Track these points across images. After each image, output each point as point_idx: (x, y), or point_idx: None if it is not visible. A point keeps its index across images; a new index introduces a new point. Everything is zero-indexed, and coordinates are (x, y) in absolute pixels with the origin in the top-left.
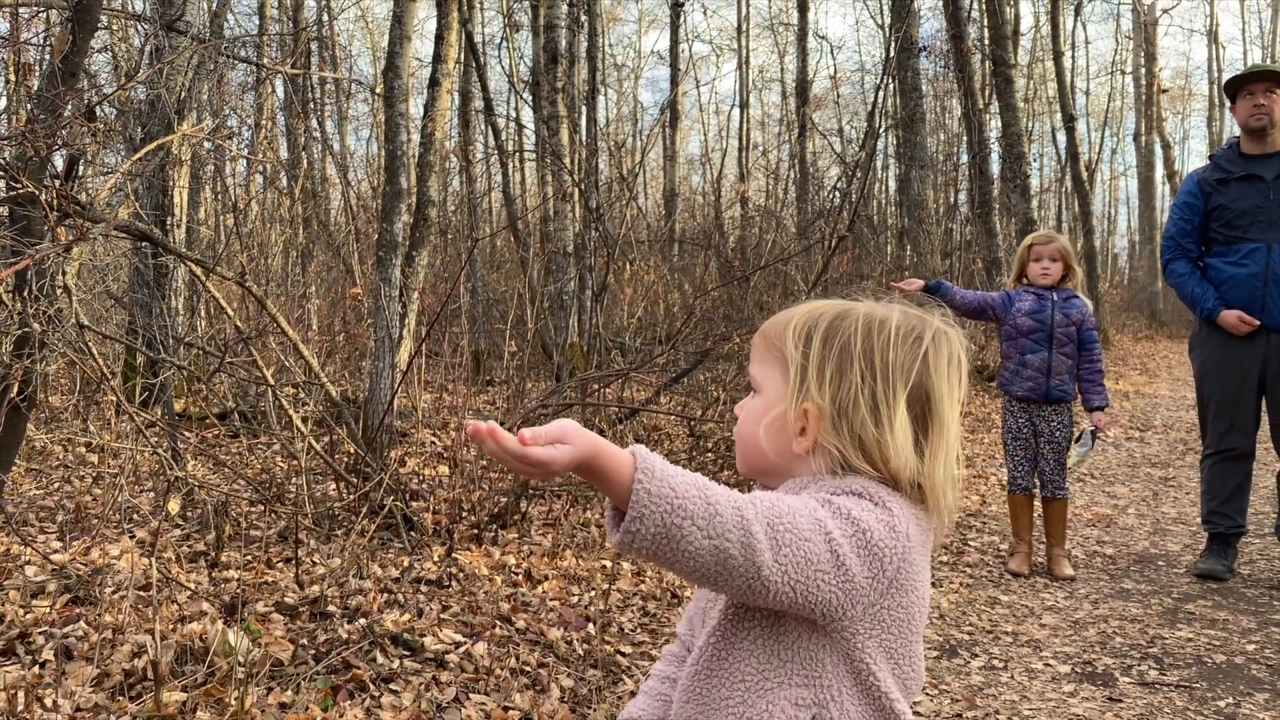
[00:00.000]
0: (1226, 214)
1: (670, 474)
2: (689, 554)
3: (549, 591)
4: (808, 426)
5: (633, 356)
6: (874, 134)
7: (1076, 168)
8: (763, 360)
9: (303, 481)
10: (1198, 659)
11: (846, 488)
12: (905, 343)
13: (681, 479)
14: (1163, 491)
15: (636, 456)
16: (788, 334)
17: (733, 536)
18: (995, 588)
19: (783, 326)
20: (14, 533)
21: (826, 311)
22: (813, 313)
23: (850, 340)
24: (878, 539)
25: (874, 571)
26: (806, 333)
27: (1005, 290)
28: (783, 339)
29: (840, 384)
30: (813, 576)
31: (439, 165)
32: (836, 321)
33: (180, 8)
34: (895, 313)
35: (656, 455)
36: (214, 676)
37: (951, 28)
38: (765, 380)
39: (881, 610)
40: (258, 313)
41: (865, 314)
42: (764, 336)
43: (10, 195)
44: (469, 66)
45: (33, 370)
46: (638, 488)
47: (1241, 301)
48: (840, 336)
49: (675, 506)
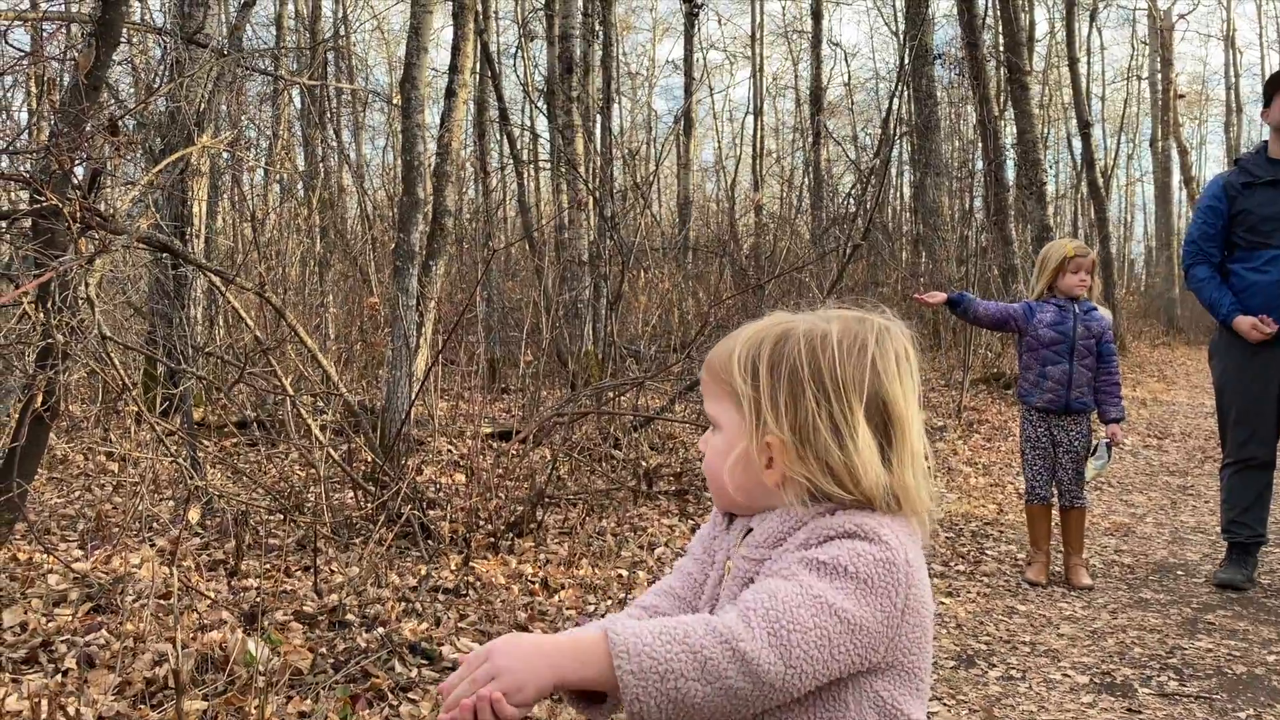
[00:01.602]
0: (1250, 219)
1: (646, 643)
2: (699, 707)
3: (565, 600)
4: (774, 459)
5: (647, 364)
6: (889, 141)
7: (1092, 174)
8: (714, 396)
9: (321, 490)
10: (1218, 670)
11: (836, 528)
12: (852, 355)
13: (659, 643)
14: (1181, 500)
15: (609, 640)
16: (733, 367)
17: (731, 672)
18: (1013, 597)
19: (726, 359)
20: (36, 541)
21: (767, 336)
22: (754, 340)
23: (797, 364)
24: (879, 582)
25: (885, 614)
26: (751, 363)
27: (1026, 301)
28: (729, 372)
29: (796, 411)
30: (830, 655)
31: (455, 175)
32: (779, 346)
33: (200, 21)
34: (835, 323)
35: (622, 622)
36: (234, 685)
37: (966, 35)
38: (721, 416)
39: (898, 638)
40: (276, 322)
41: (806, 332)
42: (710, 371)
43: (34, 208)
44: (484, 76)
45: (56, 381)
46: (622, 675)
47: (1262, 309)
48: (786, 362)
49: (665, 674)
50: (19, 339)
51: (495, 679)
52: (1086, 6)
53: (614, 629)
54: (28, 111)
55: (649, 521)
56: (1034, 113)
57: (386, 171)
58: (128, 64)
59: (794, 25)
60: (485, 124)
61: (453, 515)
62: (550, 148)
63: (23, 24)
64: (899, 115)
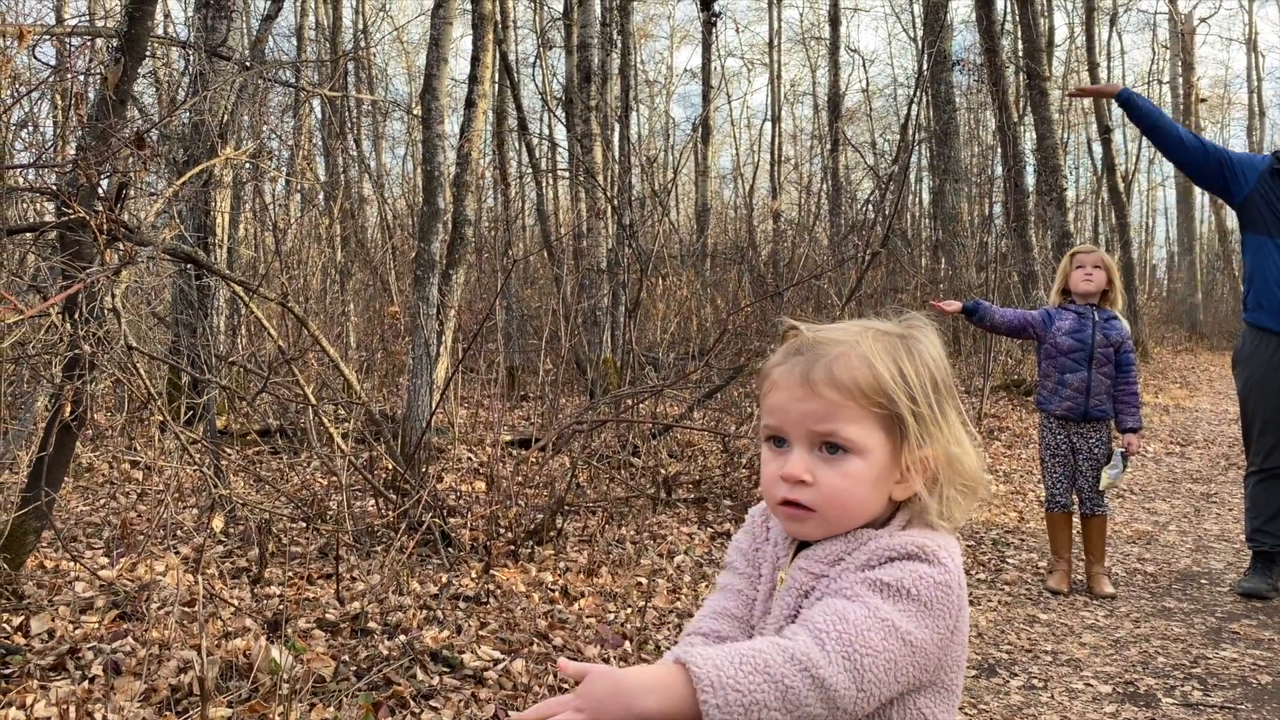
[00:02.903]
0: (1261, 206)
1: (729, 676)
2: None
3: (585, 609)
4: (913, 473)
5: (666, 372)
6: (907, 147)
7: (1113, 179)
8: (852, 419)
9: (343, 498)
10: (1242, 680)
11: (898, 549)
12: (939, 348)
13: (742, 674)
14: (1205, 508)
15: (691, 674)
16: (889, 387)
17: (811, 700)
18: (1034, 606)
19: (873, 379)
20: (63, 549)
21: (898, 349)
22: (888, 354)
23: (935, 374)
24: (937, 605)
25: (940, 636)
26: (903, 379)
27: (1045, 308)
28: (885, 393)
29: (949, 424)
30: (895, 678)
31: (475, 184)
32: (919, 360)
33: (223, 34)
34: (923, 328)
35: (700, 654)
36: (258, 692)
37: (985, 41)
38: (866, 439)
39: (945, 657)
40: (298, 331)
41: (920, 340)
42: (847, 393)
43: (62, 220)
44: (503, 85)
45: (83, 391)
46: (708, 710)
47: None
48: (930, 374)
49: (749, 705)
50: (46, 349)
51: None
52: (1106, 11)
53: (694, 662)
54: (53, 123)
55: (668, 529)
56: (1053, 118)
57: (406, 181)
58: (151, 76)
59: (812, 32)
60: (504, 133)
61: (473, 523)
62: (569, 156)
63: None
64: (918, 121)
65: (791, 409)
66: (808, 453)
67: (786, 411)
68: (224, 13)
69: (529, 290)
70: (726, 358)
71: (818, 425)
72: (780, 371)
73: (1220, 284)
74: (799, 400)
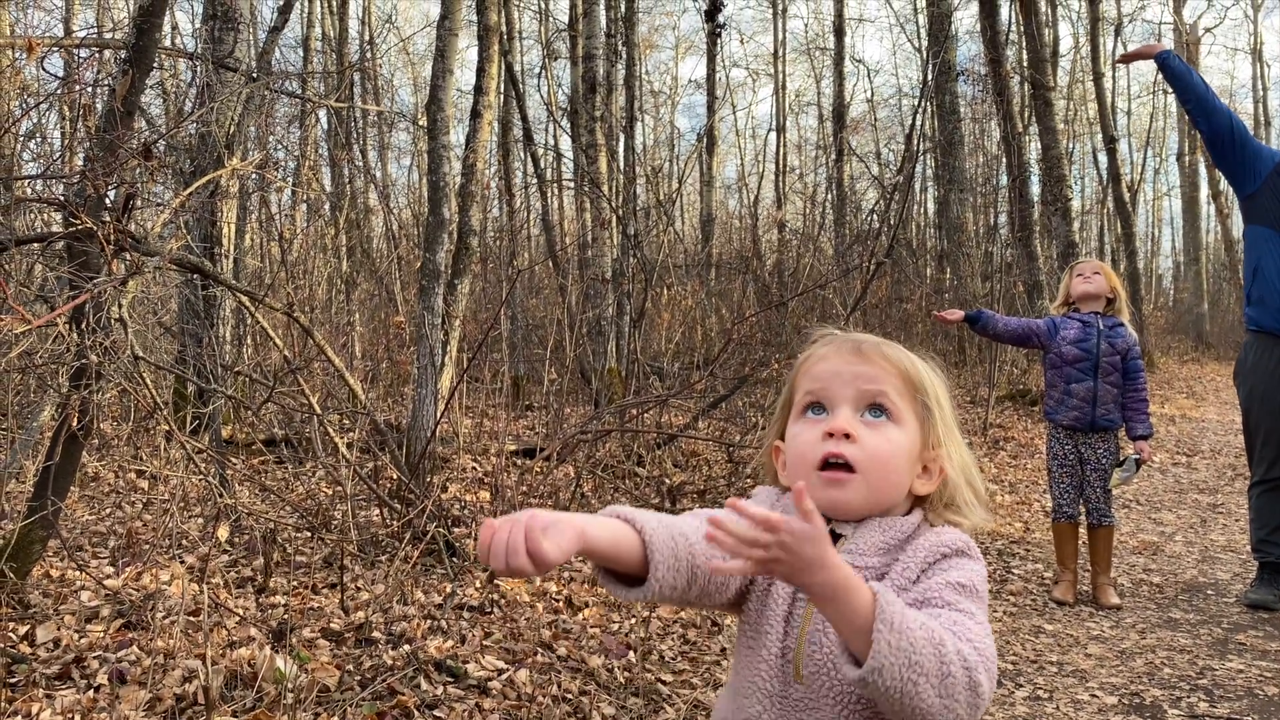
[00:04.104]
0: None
1: (910, 626)
2: (915, 704)
3: (589, 619)
4: (932, 470)
5: (671, 382)
6: (912, 157)
7: (1119, 189)
8: (900, 391)
9: (347, 508)
10: (1249, 691)
11: (949, 546)
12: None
13: (919, 635)
14: (1211, 518)
15: (878, 604)
16: (925, 381)
17: (961, 697)
18: (1039, 616)
19: (917, 371)
20: (69, 558)
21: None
22: (923, 361)
23: (949, 396)
24: (985, 594)
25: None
26: (931, 382)
27: (1050, 317)
28: (922, 387)
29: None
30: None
31: (480, 195)
32: (940, 376)
33: (230, 46)
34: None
35: (894, 597)
36: (262, 702)
37: (989, 51)
38: (907, 413)
39: None
40: (304, 341)
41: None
42: (898, 370)
43: (69, 231)
44: (508, 96)
45: (89, 401)
46: (878, 639)
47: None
48: (947, 393)
49: (912, 662)
50: (53, 359)
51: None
52: (1111, 21)
53: (886, 597)
54: (61, 134)
55: None
56: (1058, 128)
57: (412, 191)
58: (159, 87)
59: (816, 42)
60: (509, 144)
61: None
62: (574, 166)
63: (58, 50)
64: (922, 131)
65: (843, 370)
66: (853, 414)
67: (837, 374)
68: (231, 24)
69: (534, 300)
70: (731, 368)
71: (869, 385)
72: (827, 347)
73: (1227, 294)
74: (850, 364)
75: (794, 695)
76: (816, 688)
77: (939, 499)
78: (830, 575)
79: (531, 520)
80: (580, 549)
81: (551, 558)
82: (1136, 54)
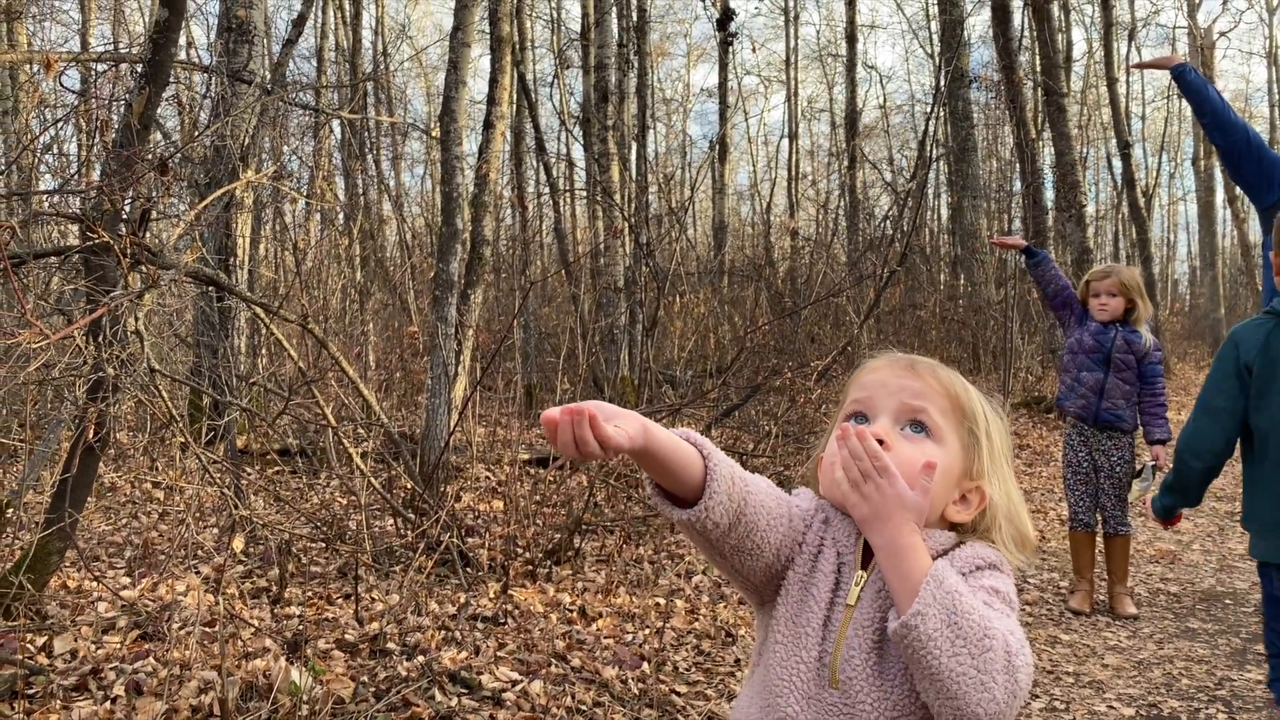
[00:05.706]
0: None
1: (960, 591)
2: (953, 675)
3: (603, 629)
4: (971, 500)
5: (683, 390)
6: (925, 164)
7: (1133, 194)
8: (945, 412)
9: (362, 518)
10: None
11: (983, 559)
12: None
13: (969, 599)
14: (1229, 526)
15: (935, 565)
16: (977, 412)
17: (1000, 679)
18: (1056, 626)
19: (966, 395)
20: (86, 569)
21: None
22: (982, 396)
23: (1005, 432)
24: (1017, 607)
25: None
26: (985, 416)
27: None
28: (972, 413)
29: (1008, 474)
30: None
31: (493, 205)
32: (997, 411)
33: (245, 58)
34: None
35: (948, 567)
36: (278, 713)
37: (1002, 57)
38: (949, 435)
39: None
40: (318, 352)
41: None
42: (948, 394)
43: (86, 245)
44: (521, 106)
45: (106, 412)
46: (924, 593)
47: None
48: (1002, 429)
49: (953, 623)
50: (70, 371)
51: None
52: (1125, 26)
53: (939, 567)
54: (78, 149)
55: (686, 549)
56: (1072, 134)
57: (425, 200)
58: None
59: (828, 49)
60: (522, 153)
61: (491, 543)
62: (586, 175)
63: (75, 66)
64: (935, 137)
65: (890, 381)
66: (892, 426)
67: (884, 384)
68: (245, 37)
69: (547, 309)
70: (744, 376)
71: (912, 399)
72: (883, 360)
73: (1244, 299)
74: (899, 376)
75: (829, 699)
76: (852, 694)
77: (973, 530)
78: (900, 532)
79: (597, 408)
80: (644, 443)
81: (617, 441)
82: (1153, 64)
